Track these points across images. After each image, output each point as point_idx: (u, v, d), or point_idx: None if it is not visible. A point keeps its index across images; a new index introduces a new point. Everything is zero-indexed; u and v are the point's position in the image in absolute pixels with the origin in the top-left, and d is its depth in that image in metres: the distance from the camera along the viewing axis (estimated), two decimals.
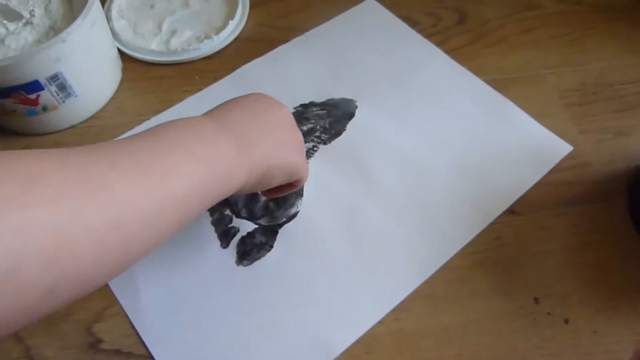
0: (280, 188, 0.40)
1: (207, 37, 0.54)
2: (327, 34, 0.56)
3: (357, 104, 0.50)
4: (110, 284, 0.40)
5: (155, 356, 0.38)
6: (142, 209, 0.25)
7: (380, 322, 0.39)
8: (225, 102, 0.36)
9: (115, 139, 0.28)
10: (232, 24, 0.55)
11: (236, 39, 0.55)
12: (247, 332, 0.39)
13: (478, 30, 0.56)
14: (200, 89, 0.51)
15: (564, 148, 0.47)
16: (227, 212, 0.44)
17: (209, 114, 0.34)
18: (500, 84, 0.51)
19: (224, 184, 0.31)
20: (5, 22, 0.46)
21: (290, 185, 0.39)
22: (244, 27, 0.56)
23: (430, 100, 0.50)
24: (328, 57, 0.54)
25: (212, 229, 0.43)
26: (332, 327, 0.39)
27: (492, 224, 0.43)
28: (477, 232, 0.43)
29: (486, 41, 0.55)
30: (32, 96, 0.44)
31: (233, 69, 0.52)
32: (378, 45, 0.55)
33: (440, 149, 0.47)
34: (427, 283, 0.41)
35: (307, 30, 0.56)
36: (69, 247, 0.22)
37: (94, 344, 0.38)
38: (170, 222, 0.27)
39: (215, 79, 0.52)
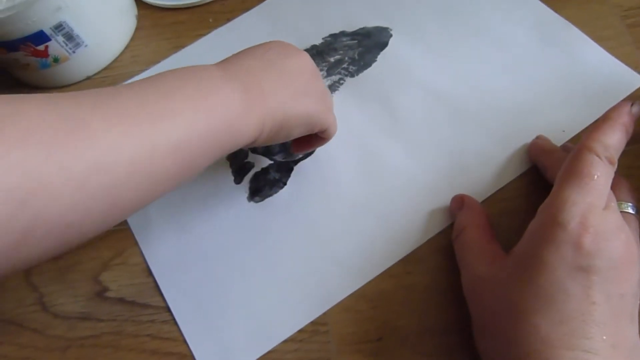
0: (308, 141, 0.37)
1: None
2: None
3: (392, 32, 0.45)
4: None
5: (162, 288, 0.38)
6: (128, 154, 0.24)
7: (390, 275, 0.36)
8: (236, 53, 0.34)
9: (111, 87, 0.27)
10: None
11: None
12: (251, 270, 0.37)
13: None
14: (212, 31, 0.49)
15: (634, 80, 0.40)
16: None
17: (218, 63, 0.32)
18: (550, 5, 0.44)
19: (229, 135, 0.29)
20: None
21: (318, 137, 0.36)
22: None
23: (476, 31, 0.44)
24: None
25: (227, 164, 0.42)
26: (334, 273, 0.36)
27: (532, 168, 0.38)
28: (512, 177, 0.38)
29: None
30: (41, 47, 0.43)
31: (247, 9, 0.49)
32: None
33: (480, 86, 0.41)
34: (444, 233, 0.37)
35: None
36: (43, 189, 0.21)
37: (101, 293, 0.38)
38: (167, 170, 0.26)
39: (229, 19, 0.49)
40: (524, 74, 0.41)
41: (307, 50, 0.45)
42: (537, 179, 0.37)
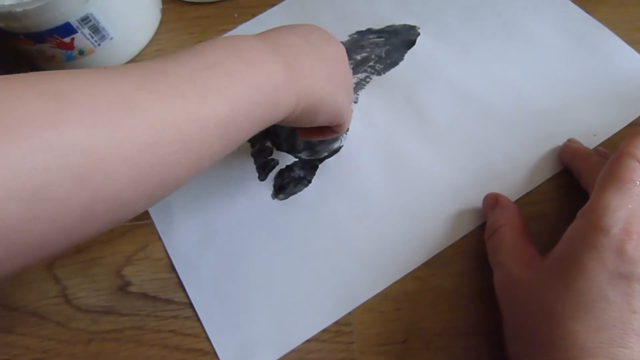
0: (320, 130, 0.36)
1: None
2: None
3: (420, 31, 0.45)
4: (151, 213, 0.41)
5: (185, 284, 0.37)
6: (179, 130, 0.24)
7: (415, 277, 0.36)
8: (278, 27, 0.33)
9: (156, 59, 0.26)
10: None
11: None
12: (275, 267, 0.37)
13: None
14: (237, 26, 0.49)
15: None
16: (268, 144, 0.42)
17: (260, 35, 0.31)
18: (581, 6, 0.43)
19: (269, 109, 0.28)
20: None
21: (330, 130, 0.36)
22: None
23: (506, 31, 0.43)
24: None
25: (252, 160, 0.41)
26: (359, 273, 0.36)
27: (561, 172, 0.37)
28: (541, 181, 0.37)
29: None
30: (67, 39, 0.43)
31: (273, 4, 0.49)
32: None
33: (511, 87, 0.41)
34: (470, 236, 0.36)
35: None
36: (102, 167, 0.21)
37: (123, 287, 0.38)
38: (213, 146, 0.26)
39: (254, 15, 0.49)
40: (555, 76, 0.41)
41: None
42: (567, 183, 0.37)
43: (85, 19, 0.43)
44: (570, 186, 0.36)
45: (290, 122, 0.32)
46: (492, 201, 0.35)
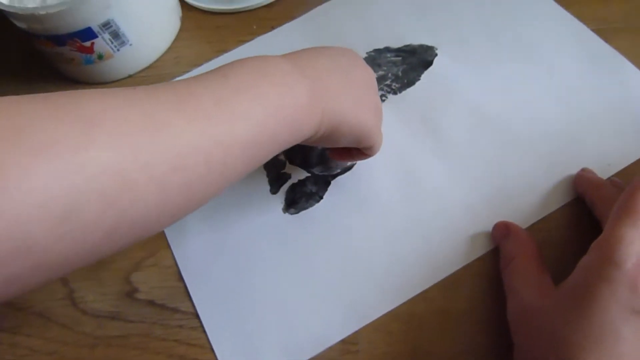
0: (349, 152, 0.37)
1: None
2: None
3: (437, 51, 0.45)
4: None
5: (192, 293, 0.37)
6: (206, 154, 0.24)
7: (424, 298, 0.35)
8: (308, 48, 0.34)
9: (184, 78, 0.27)
10: None
11: None
12: (283, 282, 0.37)
13: None
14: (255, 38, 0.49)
15: None
16: (281, 157, 0.42)
17: (289, 56, 0.31)
18: (600, 36, 0.44)
19: (293, 131, 0.29)
20: None
21: (360, 152, 0.36)
22: None
23: (523, 53, 0.44)
24: (410, 0, 0.49)
25: (264, 173, 0.41)
26: (369, 291, 0.36)
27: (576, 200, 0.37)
28: (555, 207, 0.37)
29: None
30: (87, 44, 0.44)
31: (293, 17, 0.49)
32: None
33: (527, 111, 0.41)
34: (482, 259, 0.36)
35: None
36: (130, 189, 0.21)
37: (131, 293, 0.38)
38: (236, 167, 0.26)
39: (273, 27, 0.49)
40: (572, 102, 0.41)
41: None
42: (581, 212, 0.36)
43: (106, 25, 0.43)
44: (584, 215, 0.36)
45: (313, 142, 0.32)
46: (503, 230, 0.35)
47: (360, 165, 0.40)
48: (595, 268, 0.27)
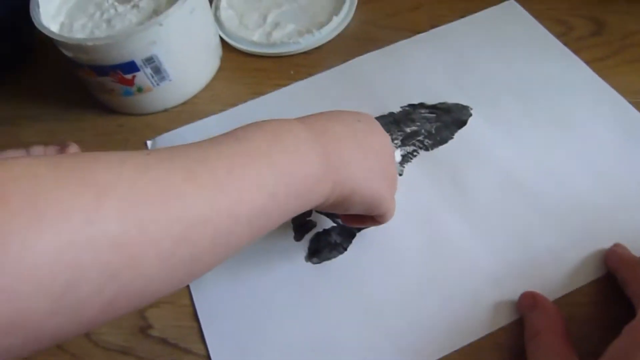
0: (362, 219, 0.36)
1: (309, 31, 0.52)
2: (450, 34, 0.51)
3: (472, 111, 0.45)
4: None
5: (206, 336, 0.37)
6: (214, 226, 0.24)
7: None
8: (324, 113, 0.34)
9: (199, 142, 0.27)
10: (336, 20, 0.52)
11: (338, 35, 0.52)
12: (300, 332, 0.36)
13: (617, 44, 0.48)
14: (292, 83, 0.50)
15: None
16: None
17: (305, 120, 0.31)
18: (638, 109, 0.43)
19: (302, 200, 0.28)
20: (116, 3, 0.48)
21: (372, 219, 0.35)
22: (349, 25, 0.53)
23: (557, 120, 0.43)
24: (448, 58, 0.49)
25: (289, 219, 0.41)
26: (386, 350, 0.35)
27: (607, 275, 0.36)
28: (584, 282, 0.36)
29: (625, 57, 0.47)
30: (129, 76, 0.45)
31: (330, 67, 0.50)
32: (508, 51, 0.49)
33: (559, 180, 0.40)
34: (506, 329, 0.35)
35: (417, 31, 0.52)
36: (134, 262, 0.21)
37: (144, 329, 0.38)
38: (242, 238, 0.26)
39: (310, 74, 0.50)
40: (606, 175, 0.40)
41: (384, 117, 0.45)
42: (612, 289, 0.35)
43: (149, 60, 0.44)
44: (614, 293, 0.35)
45: (323, 209, 0.32)
46: (530, 301, 0.34)
47: None
48: (626, 354, 0.26)
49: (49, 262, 0.18)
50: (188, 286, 0.39)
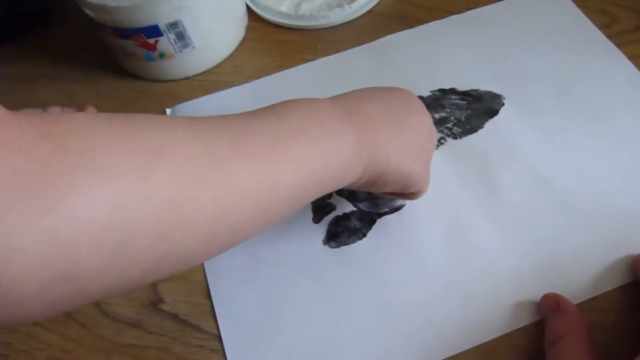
0: (393, 193, 0.35)
1: (339, 5, 0.50)
2: (486, 18, 0.49)
3: (505, 101, 0.43)
4: None
5: (217, 315, 0.36)
6: (255, 196, 0.24)
7: None
8: (359, 90, 0.33)
9: (237, 114, 0.26)
10: None
11: (369, 11, 0.50)
12: (312, 316, 0.36)
13: None
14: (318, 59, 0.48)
15: None
16: None
17: (339, 99, 0.31)
18: None
19: (336, 178, 0.28)
20: None
21: (404, 195, 0.35)
22: (381, 0, 0.51)
23: (594, 119, 0.41)
24: (482, 43, 0.47)
25: None
26: (399, 345, 0.34)
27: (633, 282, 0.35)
28: (609, 288, 0.34)
29: None
30: (151, 41, 0.43)
31: (359, 44, 0.48)
32: (547, 40, 0.46)
33: (591, 181, 0.38)
34: (524, 330, 0.34)
35: (451, 12, 0.49)
36: (183, 225, 0.21)
37: (155, 302, 0.37)
38: (280, 211, 0.26)
39: (338, 50, 0.48)
40: None
41: None
42: (637, 297, 0.34)
43: (174, 25, 0.42)
44: (639, 301, 0.34)
45: (356, 187, 0.31)
46: (553, 303, 0.33)
47: (409, 208, 0.39)
48: None
49: (106, 216, 0.18)
50: (202, 263, 0.38)
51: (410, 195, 0.35)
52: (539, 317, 0.34)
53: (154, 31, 0.42)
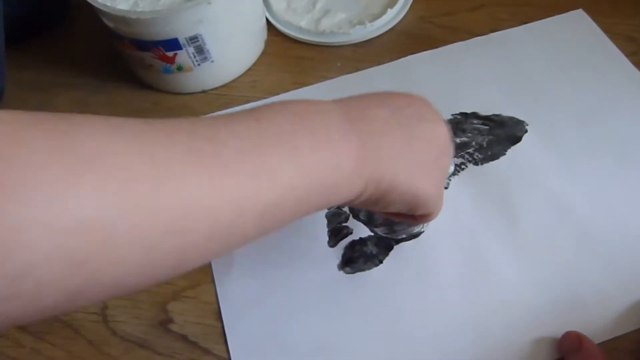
0: (401, 214, 0.32)
1: (360, 23, 0.49)
2: (510, 40, 0.48)
3: (527, 127, 0.42)
4: None
5: (228, 339, 0.35)
6: (213, 216, 0.20)
7: None
8: (367, 94, 0.29)
9: (213, 115, 0.23)
10: (390, 12, 0.49)
11: (391, 30, 0.49)
12: (324, 343, 0.35)
13: None
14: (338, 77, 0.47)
15: None
16: (345, 209, 0.40)
17: (343, 102, 0.27)
18: None
19: (326, 196, 0.25)
20: None
21: (413, 217, 0.32)
22: (403, 19, 0.50)
23: (617, 151, 0.40)
24: (505, 66, 0.46)
25: (324, 222, 0.39)
26: None
27: None
28: (632, 328, 0.33)
29: None
30: (170, 54, 0.43)
31: (379, 62, 0.47)
32: (572, 65, 0.45)
33: (614, 215, 0.37)
34: None
35: (474, 34, 0.48)
36: (107, 250, 0.18)
37: (164, 323, 0.36)
38: (246, 234, 0.22)
39: (358, 69, 0.47)
40: None
41: None
42: None
43: (194, 39, 0.42)
44: None
45: (354, 206, 0.28)
46: (575, 342, 0.32)
47: (427, 235, 0.38)
48: None
49: (6, 239, 0.16)
50: (213, 283, 0.37)
51: (420, 218, 0.31)
52: (558, 356, 0.33)
53: (174, 44, 0.42)
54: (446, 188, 0.40)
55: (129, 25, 0.40)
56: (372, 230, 0.38)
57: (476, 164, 0.41)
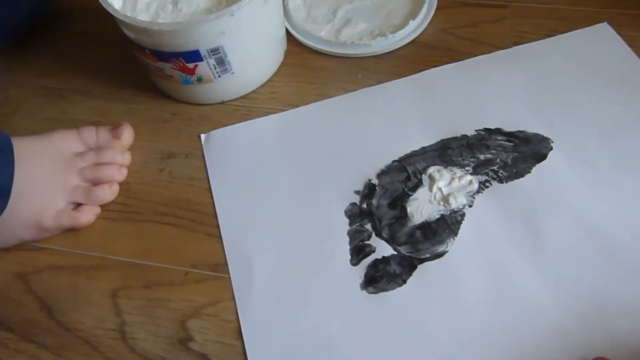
0: None
1: (382, 34, 0.48)
2: (534, 54, 0.47)
3: (553, 145, 0.41)
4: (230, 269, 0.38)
5: (249, 357, 0.34)
6: None
7: None
8: None
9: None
10: (412, 24, 0.48)
11: (413, 41, 0.49)
12: None
13: None
14: (359, 89, 0.46)
15: None
16: (368, 226, 0.39)
17: None
18: None
19: None
20: None
21: None
22: (425, 30, 0.49)
23: None
24: (529, 81, 0.45)
25: (347, 240, 0.39)
26: None
27: None
28: None
29: None
30: (190, 65, 0.42)
31: (401, 75, 0.47)
32: (596, 80, 0.45)
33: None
34: None
35: (497, 46, 0.48)
36: None
37: (184, 340, 0.36)
38: None
39: (379, 81, 0.46)
40: None
41: (456, 138, 0.42)
42: None
43: (215, 50, 0.41)
44: None
45: None
46: None
47: (452, 254, 0.37)
48: None
49: None
50: (234, 301, 0.37)
51: None
52: None
53: (195, 56, 0.41)
54: (470, 206, 0.39)
55: (150, 36, 0.40)
56: (395, 249, 0.38)
57: (501, 181, 0.40)
